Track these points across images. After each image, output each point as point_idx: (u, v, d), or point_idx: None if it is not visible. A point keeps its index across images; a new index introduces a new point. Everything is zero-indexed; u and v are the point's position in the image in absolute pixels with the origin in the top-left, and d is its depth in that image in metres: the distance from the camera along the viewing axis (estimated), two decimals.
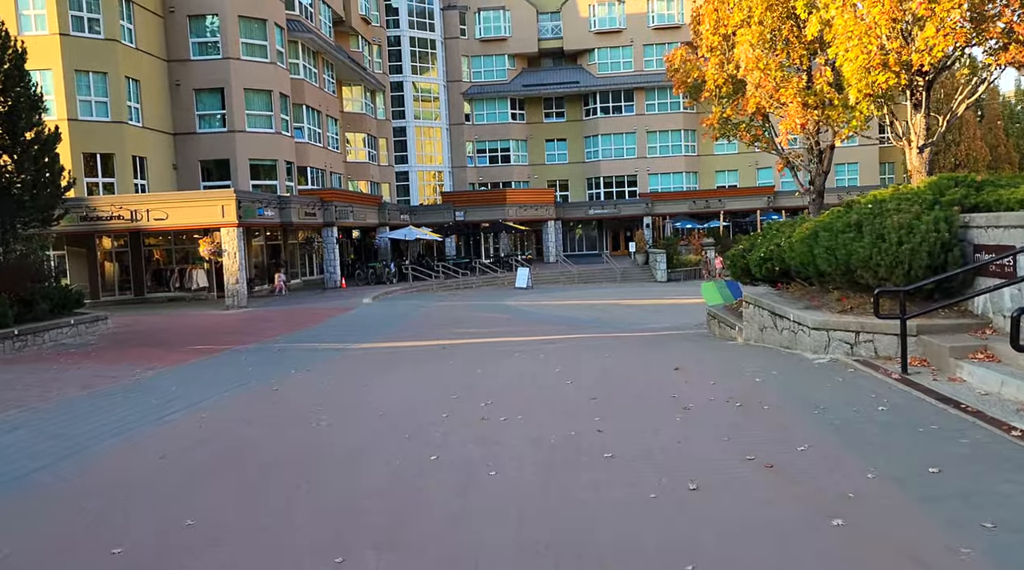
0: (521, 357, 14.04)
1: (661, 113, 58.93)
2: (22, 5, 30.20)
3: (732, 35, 14.64)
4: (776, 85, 12.73)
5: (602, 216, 57.07)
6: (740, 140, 16.54)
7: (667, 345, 15.36)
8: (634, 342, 16.58)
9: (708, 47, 14.91)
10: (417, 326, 22.26)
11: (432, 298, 32.88)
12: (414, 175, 57.19)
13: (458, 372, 12.35)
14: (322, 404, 9.78)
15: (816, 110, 12.62)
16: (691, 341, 16.03)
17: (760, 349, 12.20)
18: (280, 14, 37.10)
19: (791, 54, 13.93)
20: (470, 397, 9.57)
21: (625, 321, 24.20)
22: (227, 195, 27.66)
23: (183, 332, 20.80)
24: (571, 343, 16.83)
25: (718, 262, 40.62)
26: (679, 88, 16.53)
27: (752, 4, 13.91)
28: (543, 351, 15.13)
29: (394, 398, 9.87)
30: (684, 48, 16.73)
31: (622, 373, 10.94)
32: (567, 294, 35.07)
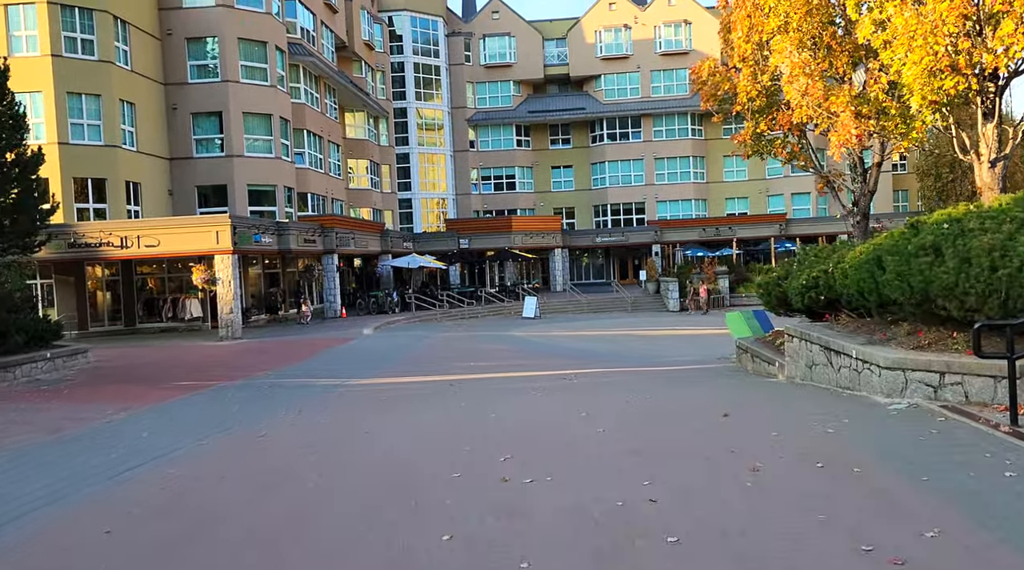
0: (538, 396, 12.59)
1: (669, 139, 57.92)
2: (13, 26, 29.21)
3: (766, 43, 13.40)
4: (825, 93, 11.46)
5: (609, 244, 55.78)
6: (775, 157, 15.24)
7: (700, 382, 13.90)
8: (660, 378, 15.13)
9: (740, 57, 13.68)
10: (421, 359, 20.81)
11: (436, 328, 31.46)
12: (417, 202, 56.07)
13: (468, 414, 10.90)
14: (312, 455, 8.34)
15: (871, 120, 11.33)
16: (724, 377, 14.58)
17: (811, 389, 10.75)
18: (281, 37, 36.17)
19: (833, 62, 12.66)
20: (485, 448, 8.12)
21: (643, 353, 22.77)
22: (222, 221, 26.38)
23: (170, 366, 19.37)
24: (591, 379, 15.37)
25: (703, 291, 39.21)
26: (707, 102, 15.28)
27: (790, 9, 12.67)
28: (563, 388, 13.68)
29: (396, 448, 8.42)
30: (712, 59, 15.49)
31: (659, 417, 9.47)
32: (577, 324, 33.64)
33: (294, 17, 38.84)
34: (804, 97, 11.29)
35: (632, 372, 16.91)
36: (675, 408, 10.27)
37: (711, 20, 57.01)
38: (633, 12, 57.72)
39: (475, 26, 59.05)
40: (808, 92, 11.29)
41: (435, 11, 56.30)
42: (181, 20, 33.71)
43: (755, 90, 13.52)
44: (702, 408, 9.99)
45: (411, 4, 54.80)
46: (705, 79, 15.07)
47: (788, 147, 14.66)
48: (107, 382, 16.50)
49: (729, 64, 14.66)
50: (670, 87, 58.06)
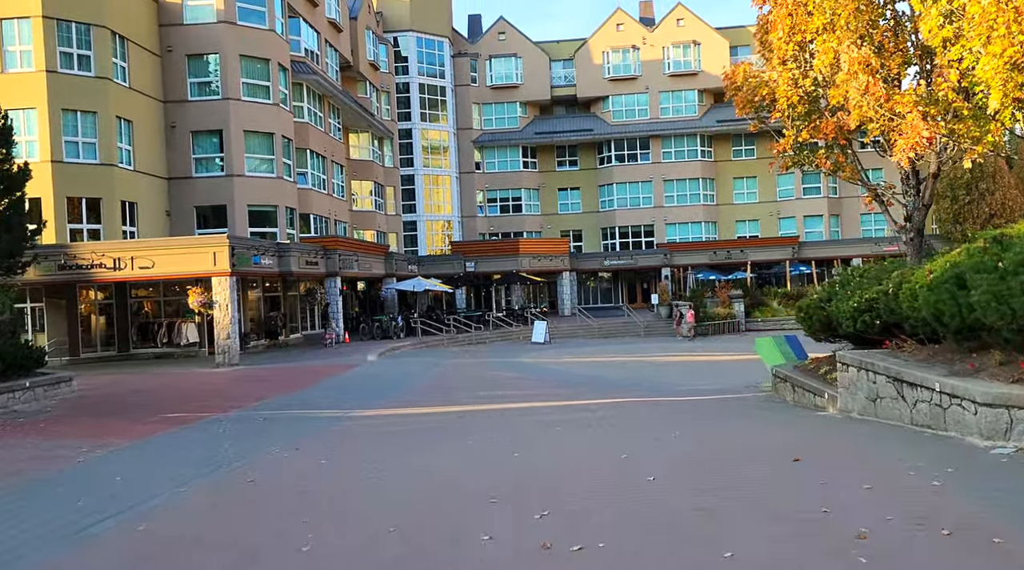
0: (564, 432, 11.28)
1: (678, 161, 56.93)
2: (7, 40, 28.28)
3: (810, 43, 12.25)
4: (887, 91, 10.28)
5: (618, 267, 54.58)
6: (817, 168, 14.05)
7: (740, 415, 12.57)
8: (692, 410, 13.80)
9: (780, 59, 12.55)
10: (429, 388, 19.50)
11: (443, 354, 30.14)
12: (422, 225, 54.99)
13: (488, 454, 9.59)
14: (307, 509, 7.04)
15: (941, 121, 10.15)
16: (764, 410, 13.26)
17: (879, 427, 9.43)
18: (284, 54, 35.27)
19: (886, 62, 11.50)
20: (515, 500, 6.82)
21: (662, 381, 21.43)
22: (219, 241, 25.20)
23: (160, 395, 18.07)
24: (617, 411, 14.05)
25: (690, 316, 37.80)
26: (744, 109, 14.13)
27: (836, 6, 11.52)
28: (588, 423, 12.36)
29: (408, 500, 7.11)
30: (746, 63, 14.37)
31: (715, 461, 8.15)
32: (589, 350, 32.31)
33: (298, 35, 37.99)
34: (864, 96, 10.13)
35: (658, 403, 15.58)
36: (728, 448, 8.94)
37: (720, 41, 56.35)
38: (641, 33, 57.02)
39: (481, 47, 58.39)
40: (869, 90, 10.13)
41: (441, 32, 55.64)
42: (182, 36, 32.82)
43: (796, 95, 12.38)
44: (761, 449, 8.67)
45: (417, 25, 54.15)
46: (740, 84, 13.93)
47: (832, 158, 13.48)
48: (89, 414, 15.19)
49: (767, 67, 13.56)
50: (679, 108, 57.21)
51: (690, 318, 37.54)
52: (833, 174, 14.14)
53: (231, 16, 32.80)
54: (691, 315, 37.62)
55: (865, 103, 10.26)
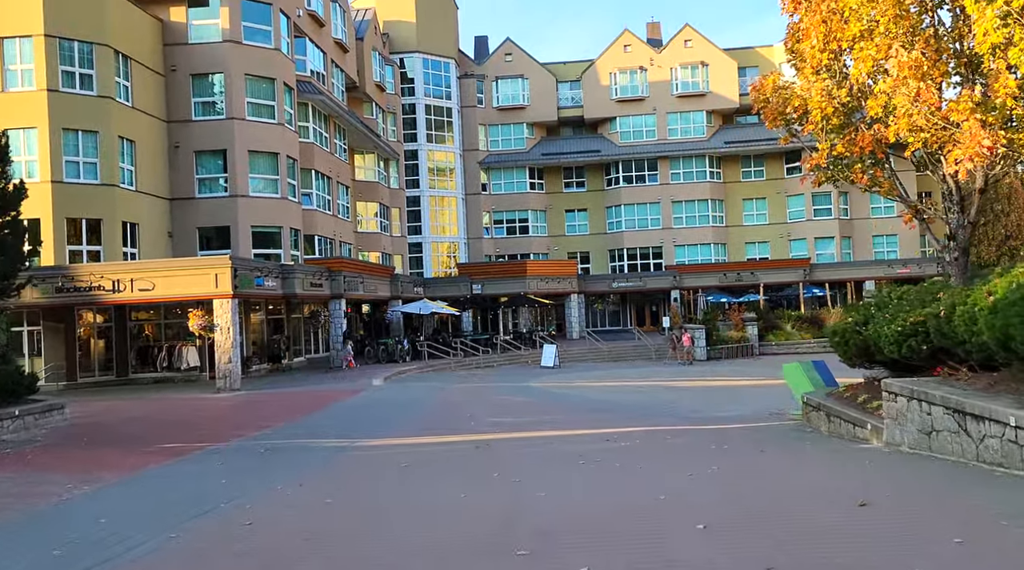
0: (590, 466, 10.42)
1: (687, 182, 56.30)
2: (8, 59, 27.81)
3: (846, 52, 11.55)
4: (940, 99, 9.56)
5: (626, 289, 53.72)
6: (852, 183, 13.29)
7: (777, 448, 11.69)
8: (723, 440, 12.91)
9: (814, 68, 11.84)
10: (438, 415, 18.65)
11: (451, 379, 29.28)
12: (428, 246, 54.31)
13: (509, 492, 8.74)
14: (311, 555, 6.20)
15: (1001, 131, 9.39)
16: (798, 441, 12.38)
17: (941, 465, 8.55)
18: (290, 74, 34.80)
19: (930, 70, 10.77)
20: (549, 551, 5.97)
21: (683, 407, 20.55)
22: (221, 262, 24.47)
23: (156, 423, 17.23)
24: (641, 441, 13.19)
25: (686, 340, 36.79)
26: (773, 121, 13.40)
27: (876, 12, 10.82)
28: (613, 455, 11.51)
29: (424, 549, 6.26)
30: (775, 73, 13.65)
31: (767, 505, 7.28)
32: (600, 374, 31.41)
33: (304, 55, 37.58)
34: (915, 103, 9.40)
35: (682, 431, 14.72)
36: (778, 489, 8.09)
37: (729, 62, 55.96)
38: (649, 54, 56.68)
39: (488, 68, 58.07)
40: (921, 97, 9.41)
41: (447, 53, 55.36)
42: (186, 56, 32.37)
43: (831, 106, 11.66)
44: (815, 490, 7.82)
45: (423, 46, 53.86)
46: (769, 96, 13.21)
47: (869, 172, 12.72)
48: (80, 444, 14.36)
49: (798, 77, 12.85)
50: (687, 129, 56.68)
51: (687, 342, 36.52)
52: (869, 190, 13.38)
53: (236, 35, 32.37)
54: (688, 338, 36.58)
55: (916, 111, 9.52)
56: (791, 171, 55.98)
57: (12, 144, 27.66)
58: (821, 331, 40.21)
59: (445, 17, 55.35)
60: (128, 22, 30.11)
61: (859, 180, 12.87)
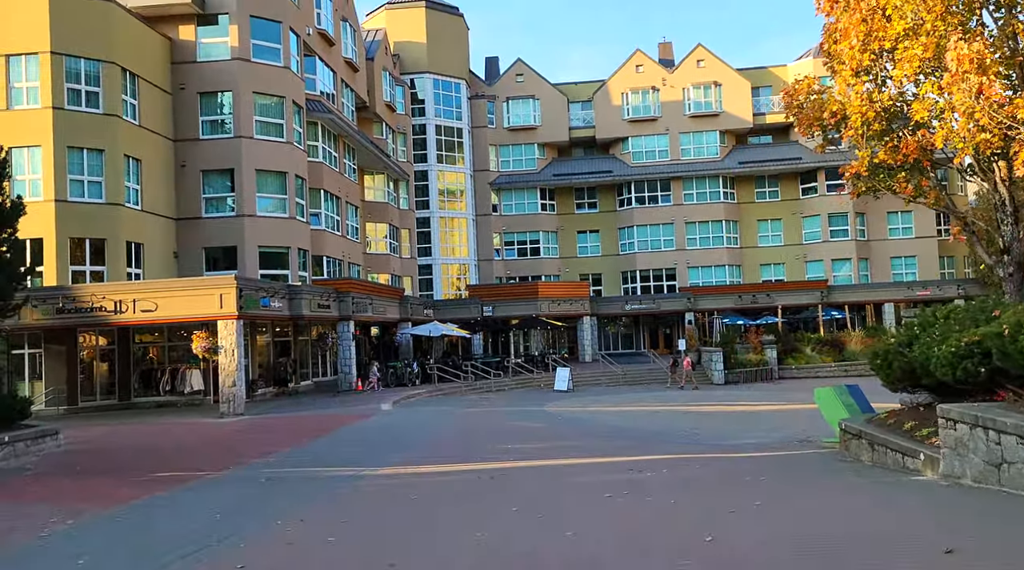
0: (618, 500, 9.51)
1: (700, 203, 55.51)
2: (14, 77, 27.40)
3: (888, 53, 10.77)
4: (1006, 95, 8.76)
5: (640, 311, 52.78)
6: (895, 193, 12.44)
7: (823, 480, 10.74)
8: (758, 470, 11.97)
9: (853, 70, 11.05)
10: (450, 440, 17.74)
11: (462, 403, 28.36)
12: (438, 268, 53.59)
13: (536, 534, 7.84)
14: None
15: None
16: (847, 473, 11.41)
17: (1018, 501, 7.63)
18: (299, 92, 34.34)
19: None
20: None
21: (707, 433, 19.59)
22: (226, 282, 23.75)
23: (154, 450, 16.40)
24: (669, 471, 12.26)
25: (686, 364, 35.74)
26: (808, 128, 12.58)
27: (921, 8, 10.04)
28: (641, 487, 10.60)
29: None
30: (808, 77, 12.86)
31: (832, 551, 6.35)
32: (616, 398, 30.43)
33: (313, 74, 37.15)
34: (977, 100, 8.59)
35: (710, 460, 13.79)
36: (837, 530, 7.16)
37: (742, 82, 55.40)
38: (661, 74, 56.19)
39: (498, 89, 57.71)
40: (984, 93, 8.58)
41: (458, 74, 55.02)
42: (194, 74, 31.95)
43: (872, 111, 10.86)
44: (884, 533, 6.89)
45: (434, 67, 53.55)
46: (803, 101, 12.41)
47: (914, 181, 11.86)
48: (71, 473, 13.53)
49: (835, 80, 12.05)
50: (700, 149, 56.02)
51: (687, 366, 35.59)
52: (914, 200, 12.53)
53: (245, 53, 31.96)
54: (688, 362, 35.60)
55: (979, 108, 8.71)
56: (807, 192, 55.18)
57: (16, 162, 27.41)
58: (842, 354, 39.21)
59: (456, 38, 55.10)
60: (136, 40, 29.74)
61: (903, 190, 12.03)
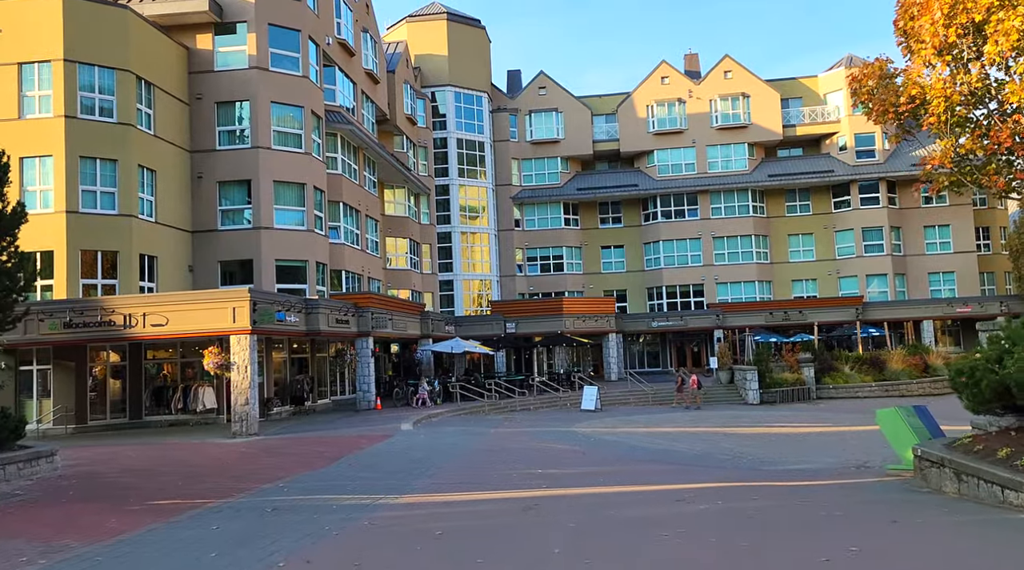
0: (675, 541, 8.13)
1: (728, 217, 53.98)
2: (26, 86, 26.68)
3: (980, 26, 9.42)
4: None
5: (666, 328, 51.21)
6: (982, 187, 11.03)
7: (911, 517, 9.28)
8: (831, 505, 10.51)
9: (934, 48, 9.73)
10: (476, 465, 16.39)
11: (485, 423, 27.00)
12: (459, 284, 52.39)
13: None
14: None
15: None
16: (930, 506, 9.95)
17: None
18: (318, 102, 33.46)
19: None
20: None
21: (751, 458, 18.10)
22: (239, 295, 22.64)
23: (157, 473, 15.19)
24: (724, 502, 10.83)
25: (693, 382, 34.04)
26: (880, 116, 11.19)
27: None
28: (697, 522, 9.21)
29: None
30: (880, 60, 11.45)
31: None
32: (647, 418, 28.92)
33: (333, 84, 36.32)
34: None
35: (765, 489, 12.35)
36: None
37: (771, 93, 54.02)
38: (687, 86, 54.95)
39: (521, 102, 56.74)
40: None
41: (480, 87, 54.12)
42: (212, 83, 31.16)
43: (957, 94, 9.52)
44: None
45: (455, 80, 52.70)
46: (874, 87, 11.02)
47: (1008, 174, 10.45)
48: (61, 500, 12.34)
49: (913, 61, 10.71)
50: (728, 162, 54.57)
51: (693, 384, 33.97)
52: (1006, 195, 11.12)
53: (263, 62, 31.15)
54: (695, 380, 34.12)
55: None
56: (840, 205, 53.50)
57: (27, 173, 26.68)
58: (883, 373, 37.40)
59: (477, 51, 54.26)
60: (151, 48, 28.99)
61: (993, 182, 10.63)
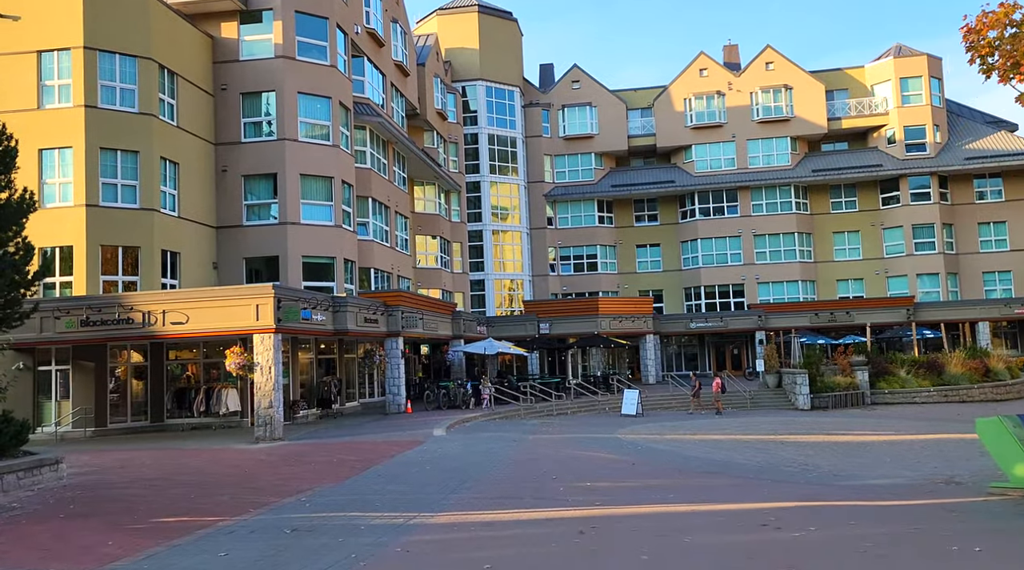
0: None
1: (770, 214, 51.87)
2: (45, 75, 25.69)
3: None
4: None
5: (705, 330, 49.27)
6: None
7: None
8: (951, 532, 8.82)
9: None
10: (518, 476, 14.85)
11: (522, 428, 25.46)
12: (490, 284, 50.92)
13: None
14: None
15: None
16: None
17: None
18: (347, 93, 32.20)
19: None
20: None
21: (820, 470, 16.37)
22: (263, 291, 21.34)
23: (170, 485, 13.85)
24: (820, 527, 9.16)
25: (716, 386, 31.66)
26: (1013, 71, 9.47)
27: None
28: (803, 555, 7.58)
29: None
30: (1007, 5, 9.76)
31: None
32: (692, 424, 27.18)
33: (362, 75, 35.06)
34: None
35: (858, 509, 10.67)
36: None
37: (815, 85, 51.88)
38: (727, 78, 52.98)
39: (554, 97, 55.17)
40: None
41: (511, 81, 52.67)
42: (237, 73, 30.04)
43: None
44: None
45: (486, 74, 51.30)
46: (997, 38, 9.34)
47: None
48: (59, 515, 11.02)
49: None
50: (769, 157, 52.49)
51: (716, 387, 31.58)
52: None
53: (290, 51, 29.96)
54: (718, 384, 31.69)
55: None
56: (888, 201, 51.20)
57: (46, 165, 25.68)
58: (941, 377, 35.24)
59: (509, 44, 52.82)
60: (175, 36, 27.92)
61: None
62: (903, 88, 50.56)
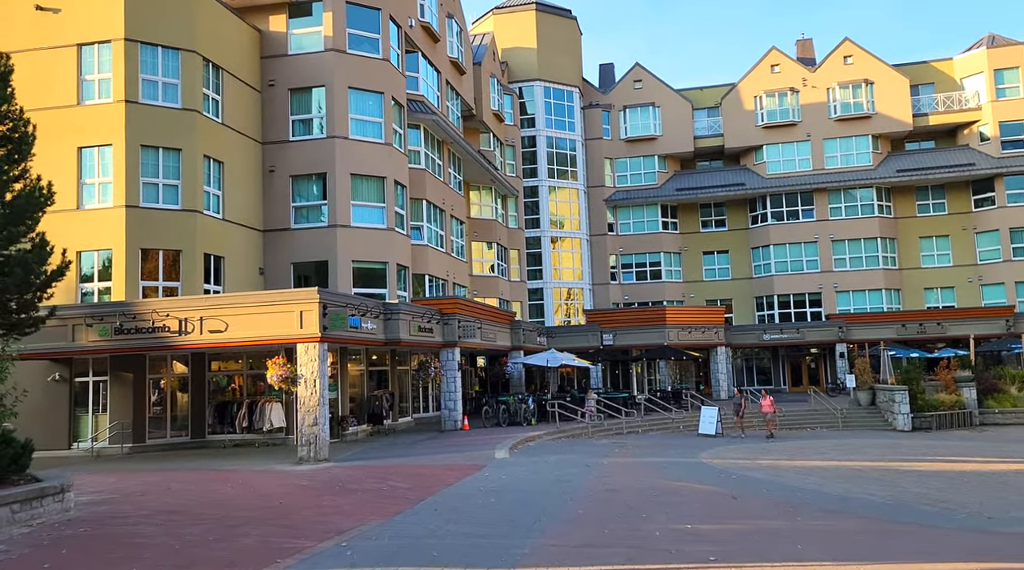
0: None
1: (849, 218, 48.33)
2: (85, 69, 24.36)
3: None
4: None
5: (780, 341, 45.94)
6: None
7: None
8: None
9: None
10: (598, 515, 12.33)
11: (591, 450, 22.91)
12: (548, 292, 48.53)
13: None
14: None
15: None
16: None
17: None
18: (400, 89, 30.32)
19: None
20: None
21: (961, 508, 13.47)
22: (307, 297, 19.34)
23: (190, 520, 11.76)
24: None
25: (766, 405, 27.66)
26: None
27: None
28: None
29: None
30: None
31: None
32: (783, 446, 24.24)
33: (416, 71, 33.19)
34: None
35: None
36: None
37: (899, 79, 48.29)
38: (801, 74, 49.75)
39: (614, 97, 52.67)
40: None
41: (570, 82, 50.39)
42: (285, 68, 28.44)
43: None
44: None
45: (544, 74, 49.15)
46: None
47: None
48: (44, 564, 8.96)
49: None
50: (848, 157, 49.00)
51: (767, 408, 27.56)
52: None
53: (340, 44, 28.25)
54: (768, 403, 27.69)
55: None
56: (981, 203, 47.25)
57: (85, 164, 24.28)
58: None
59: (568, 43, 50.58)
60: (220, 29, 26.41)
61: None
62: (998, 81, 46.66)
